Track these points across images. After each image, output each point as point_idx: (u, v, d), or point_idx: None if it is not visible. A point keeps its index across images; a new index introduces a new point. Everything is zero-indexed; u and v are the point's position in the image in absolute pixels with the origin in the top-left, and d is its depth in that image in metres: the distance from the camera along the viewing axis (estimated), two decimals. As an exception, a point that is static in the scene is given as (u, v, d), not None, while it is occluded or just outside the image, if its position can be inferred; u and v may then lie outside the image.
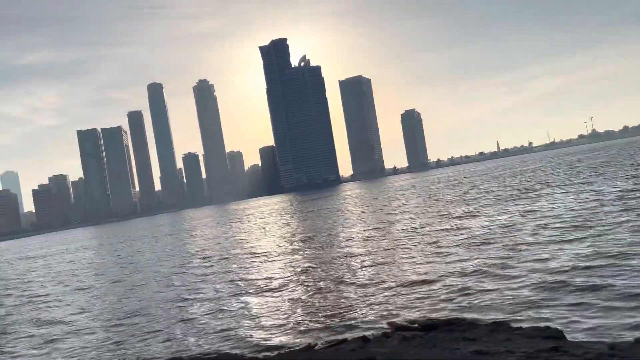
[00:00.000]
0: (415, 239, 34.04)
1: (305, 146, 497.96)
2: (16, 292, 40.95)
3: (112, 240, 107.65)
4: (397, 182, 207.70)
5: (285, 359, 13.39)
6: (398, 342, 13.06)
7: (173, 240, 75.05)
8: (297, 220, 77.13)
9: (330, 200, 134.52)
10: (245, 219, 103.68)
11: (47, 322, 25.36)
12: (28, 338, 22.37)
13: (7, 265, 79.74)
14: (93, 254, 73.46)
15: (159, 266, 42.03)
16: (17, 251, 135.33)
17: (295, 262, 32.32)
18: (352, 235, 42.78)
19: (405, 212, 56.50)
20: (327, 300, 20.38)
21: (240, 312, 20.67)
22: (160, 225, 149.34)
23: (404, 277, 22.40)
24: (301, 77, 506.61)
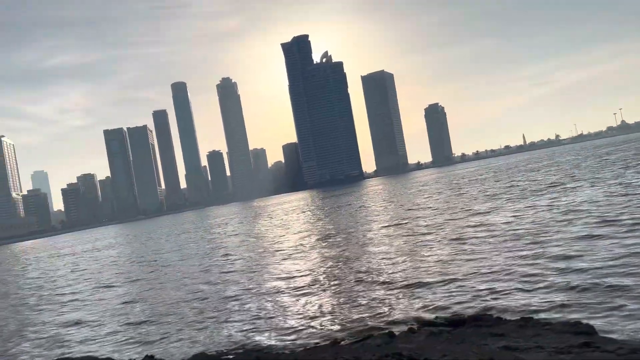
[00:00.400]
0: (439, 235, 33.75)
1: (328, 142, 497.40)
2: (41, 291, 41.91)
3: (140, 237, 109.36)
4: (421, 177, 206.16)
5: (311, 355, 13.42)
6: (425, 337, 12.98)
7: (197, 236, 75.90)
8: (319, 216, 77.22)
9: (353, 196, 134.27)
10: (268, 216, 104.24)
11: (75, 321, 25.90)
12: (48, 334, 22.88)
13: (36, 263, 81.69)
14: (117, 252, 74.76)
15: (185, 263, 42.54)
16: (46, 249, 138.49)
17: (319, 259, 32.37)
18: (375, 231, 42.64)
19: (429, 208, 56.06)
20: (352, 296, 20.36)
21: (264, 308, 20.79)
22: (186, 223, 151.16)
23: (428, 274, 22.23)
24: (323, 73, 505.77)
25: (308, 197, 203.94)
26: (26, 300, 36.75)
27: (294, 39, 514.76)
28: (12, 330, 25.29)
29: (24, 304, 34.65)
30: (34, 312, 30.15)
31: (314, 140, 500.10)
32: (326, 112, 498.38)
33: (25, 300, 36.88)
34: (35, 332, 23.88)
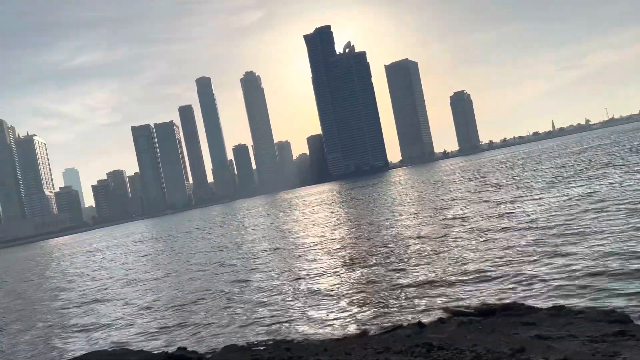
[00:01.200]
0: (467, 225, 33.42)
1: (353, 133, 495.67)
2: (74, 285, 42.98)
3: (169, 232, 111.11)
4: (448, 166, 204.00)
5: (341, 345, 13.48)
6: (455, 327, 12.92)
7: (226, 230, 76.72)
8: (345, 208, 77.18)
9: (379, 187, 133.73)
10: (294, 208, 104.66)
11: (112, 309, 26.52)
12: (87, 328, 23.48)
13: (69, 259, 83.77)
14: (148, 247, 76.09)
15: (214, 255, 43.09)
16: (79, 245, 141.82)
17: (346, 250, 32.41)
18: (401, 222, 42.46)
19: (456, 198, 55.52)
20: (380, 287, 20.35)
21: (293, 299, 20.94)
22: (215, 216, 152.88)
23: (457, 263, 22.07)
24: (346, 63, 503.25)
25: (333, 189, 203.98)
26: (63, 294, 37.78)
27: (316, 30, 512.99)
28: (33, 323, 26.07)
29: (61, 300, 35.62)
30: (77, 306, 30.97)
31: (339, 132, 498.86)
32: (350, 102, 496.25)
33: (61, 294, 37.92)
34: (70, 323, 24.56)
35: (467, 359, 10.18)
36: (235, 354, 13.88)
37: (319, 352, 12.87)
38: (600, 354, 9.18)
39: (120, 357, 14.53)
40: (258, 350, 14.18)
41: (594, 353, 9.27)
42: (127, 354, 15.11)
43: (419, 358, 10.70)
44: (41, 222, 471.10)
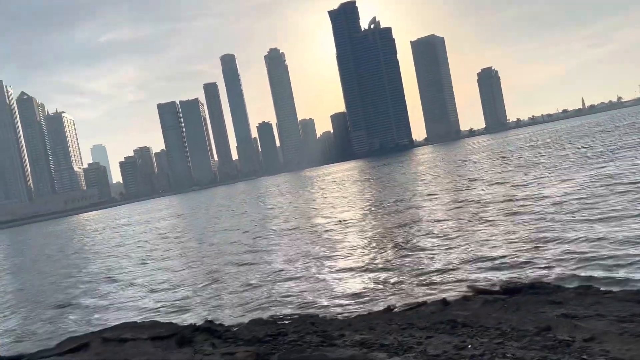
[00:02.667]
0: (492, 206, 33.09)
1: (377, 111, 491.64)
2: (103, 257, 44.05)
3: (195, 208, 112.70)
4: (474, 145, 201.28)
5: (365, 321, 13.62)
6: (479, 305, 12.91)
7: (251, 207, 77.49)
8: (368, 187, 77.06)
9: (403, 165, 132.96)
10: (318, 186, 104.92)
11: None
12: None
13: (97, 234, 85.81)
14: (173, 223, 77.35)
15: (238, 233, 43.64)
16: (107, 220, 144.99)
17: (370, 228, 32.47)
18: (425, 202, 42.25)
19: (481, 178, 54.92)
20: (404, 264, 20.40)
21: (319, 274, 21.16)
22: (239, 193, 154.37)
23: (481, 242, 21.93)
24: (371, 40, 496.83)
25: (357, 167, 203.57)
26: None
27: (341, 6, 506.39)
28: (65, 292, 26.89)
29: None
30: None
31: (363, 109, 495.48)
32: (375, 80, 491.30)
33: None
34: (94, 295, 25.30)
35: (492, 336, 10.19)
36: (261, 327, 14.14)
37: (343, 327, 13.04)
38: (629, 333, 9.09)
39: (149, 329, 14.93)
40: (283, 324, 14.42)
41: (622, 333, 9.18)
42: (156, 325, 15.51)
43: (443, 334, 10.75)
44: (71, 197, 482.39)
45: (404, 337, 10.97)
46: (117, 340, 13.69)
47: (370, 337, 11.42)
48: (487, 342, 9.71)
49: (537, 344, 9.22)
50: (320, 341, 11.68)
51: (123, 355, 12.08)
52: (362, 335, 11.73)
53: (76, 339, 15.10)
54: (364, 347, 10.65)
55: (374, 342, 10.92)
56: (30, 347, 17.53)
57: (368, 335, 11.59)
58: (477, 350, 9.25)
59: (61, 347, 14.54)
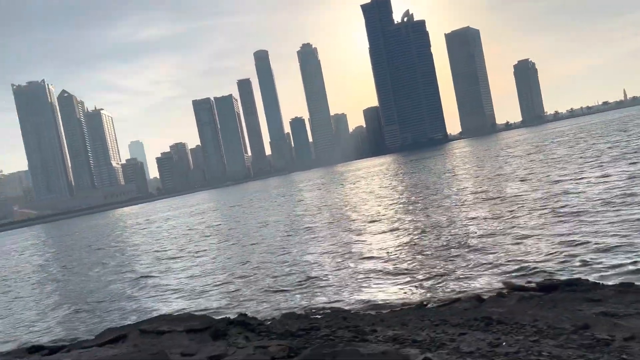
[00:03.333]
0: (529, 202, 32.41)
1: (411, 105, 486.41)
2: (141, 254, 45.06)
3: (230, 202, 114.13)
4: (510, 138, 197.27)
5: (398, 316, 13.57)
6: (515, 302, 12.70)
7: (285, 201, 77.98)
8: (402, 181, 76.49)
9: (437, 160, 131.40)
10: (350, 181, 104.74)
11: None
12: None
13: (135, 228, 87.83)
14: (209, 217, 78.49)
15: (273, 227, 43.99)
16: (145, 214, 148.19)
17: (404, 223, 32.26)
18: (459, 197, 41.70)
19: (517, 173, 53.85)
20: (438, 260, 20.20)
21: (350, 271, 21.16)
22: (273, 188, 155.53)
23: (517, 238, 21.52)
24: (404, 33, 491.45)
25: (390, 162, 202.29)
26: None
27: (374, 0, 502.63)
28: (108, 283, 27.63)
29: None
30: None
31: (396, 103, 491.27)
32: (408, 73, 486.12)
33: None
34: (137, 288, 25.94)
35: (527, 333, 10.01)
36: (293, 321, 14.25)
37: (375, 322, 13.02)
38: (672, 333, 8.79)
39: (184, 321, 15.23)
40: (316, 318, 14.50)
41: (665, 332, 8.88)
42: (191, 318, 15.81)
43: (477, 332, 10.62)
44: (109, 192, 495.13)
45: (436, 333, 10.88)
46: (153, 333, 14.02)
47: (403, 332, 11.37)
48: (523, 340, 9.54)
49: (575, 343, 9.02)
50: (353, 336, 11.70)
51: (159, 347, 12.36)
52: (395, 330, 11.70)
53: (115, 331, 15.54)
54: (396, 343, 10.62)
55: (406, 337, 10.87)
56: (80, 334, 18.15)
57: (400, 331, 11.54)
58: (512, 348, 9.10)
59: (100, 338, 14.99)
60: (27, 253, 74.42)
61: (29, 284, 37.14)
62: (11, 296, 32.40)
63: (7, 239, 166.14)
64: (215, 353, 11.39)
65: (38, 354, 14.41)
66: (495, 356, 8.88)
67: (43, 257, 61.45)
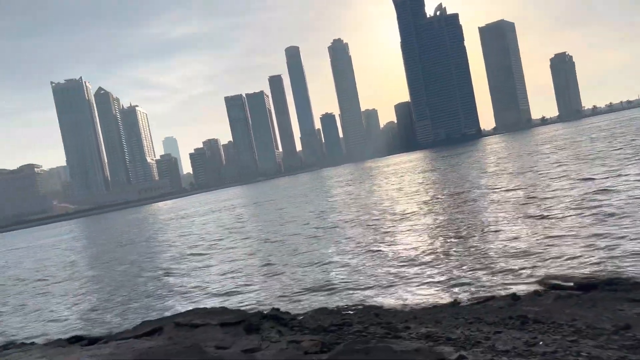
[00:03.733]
0: (566, 200, 31.65)
1: (443, 100, 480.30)
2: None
3: (262, 197, 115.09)
4: (547, 134, 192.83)
5: (430, 314, 13.46)
6: (552, 301, 12.43)
7: (315, 197, 78.16)
8: (433, 177, 75.67)
9: (470, 156, 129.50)
10: (381, 177, 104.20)
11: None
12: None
13: (170, 222, 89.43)
14: (243, 212, 79.29)
15: (306, 222, 44.16)
16: (178, 209, 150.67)
17: (437, 220, 31.93)
18: (494, 195, 41.03)
19: (553, 170, 52.63)
20: (472, 257, 19.92)
21: (383, 267, 21.07)
22: (304, 183, 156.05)
23: (553, 237, 21.03)
24: (437, 27, 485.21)
25: (422, 158, 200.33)
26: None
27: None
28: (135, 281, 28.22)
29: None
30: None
31: (428, 98, 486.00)
32: (441, 68, 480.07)
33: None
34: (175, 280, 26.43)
35: (565, 333, 9.80)
36: (326, 316, 14.29)
37: (408, 319, 12.95)
38: None
39: (218, 315, 15.45)
40: (348, 314, 14.51)
41: None
42: (225, 312, 16.02)
43: (512, 330, 10.45)
44: (144, 187, 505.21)
45: (471, 331, 10.76)
46: (188, 326, 14.27)
47: (436, 330, 11.28)
48: (560, 340, 9.34)
49: (615, 343, 8.78)
50: (385, 333, 11.67)
51: (194, 340, 12.57)
52: (428, 328, 11.61)
53: (151, 323, 15.88)
54: (429, 340, 10.54)
55: (440, 335, 10.78)
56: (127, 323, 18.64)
57: (434, 329, 11.45)
58: (549, 347, 8.92)
59: (137, 330, 15.34)
60: (64, 246, 76.69)
61: (67, 277, 38.27)
62: (51, 289, 33.46)
63: (47, 232, 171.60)
64: (248, 347, 11.52)
65: (78, 345, 14.85)
66: (532, 355, 8.73)
67: (80, 251, 63.23)
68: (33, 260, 60.65)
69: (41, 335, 19.72)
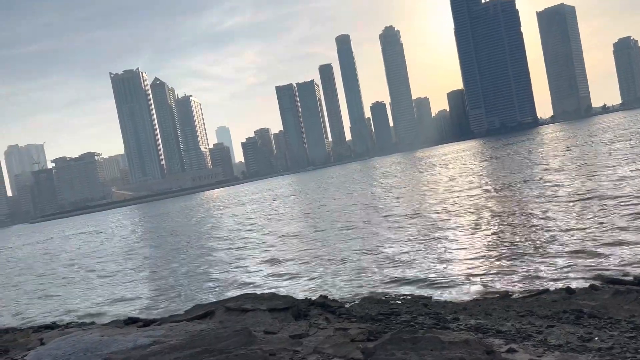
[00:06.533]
0: (624, 195, 30.25)
1: (498, 87, 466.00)
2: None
3: (314, 186, 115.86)
4: (608, 122, 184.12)
5: (481, 306, 13.22)
6: (609, 296, 11.95)
7: (366, 187, 77.98)
8: (487, 169, 73.87)
9: (527, 145, 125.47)
10: (433, 168, 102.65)
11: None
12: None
13: (228, 209, 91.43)
14: (295, 200, 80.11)
15: (357, 214, 44.22)
16: (232, 197, 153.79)
17: (490, 212, 31.24)
18: (548, 187, 39.72)
19: (614, 164, 50.34)
20: (526, 250, 19.39)
21: (434, 258, 20.84)
22: (354, 172, 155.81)
23: (611, 230, 20.15)
24: (492, 12, 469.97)
25: (475, 147, 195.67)
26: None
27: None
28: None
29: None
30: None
31: (482, 86, 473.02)
32: (496, 54, 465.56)
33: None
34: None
35: (623, 329, 9.40)
36: (373, 305, 14.30)
37: (457, 310, 12.77)
38: None
39: (267, 300, 15.72)
40: (396, 303, 14.46)
41: None
42: (274, 298, 16.28)
43: (566, 324, 10.12)
44: (198, 175, 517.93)
45: (522, 324, 10.50)
46: (238, 310, 14.59)
47: (486, 322, 11.08)
48: (618, 336, 8.98)
49: (678, 342, 8.35)
50: (434, 323, 11.56)
51: (243, 324, 12.86)
52: (478, 320, 11.42)
53: (203, 307, 16.34)
54: (479, 332, 10.36)
55: (490, 327, 10.58)
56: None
57: (484, 321, 11.25)
58: (605, 344, 8.60)
59: (189, 313, 15.83)
60: (125, 231, 79.86)
61: (126, 261, 39.90)
62: (111, 272, 35.01)
63: (107, 216, 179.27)
64: (297, 332, 11.68)
65: (134, 326, 15.48)
66: (587, 351, 8.43)
67: (139, 236, 65.70)
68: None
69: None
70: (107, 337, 13.42)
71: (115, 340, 12.92)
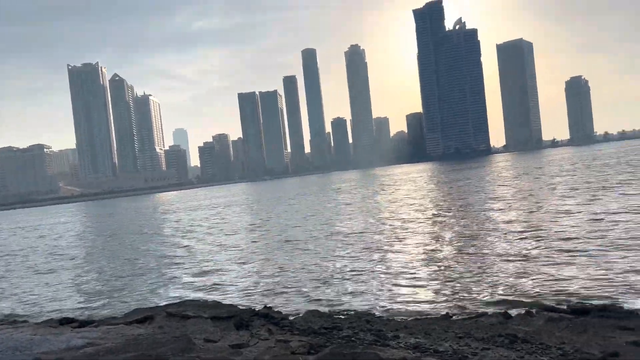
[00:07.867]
0: (569, 225, 31.54)
1: (455, 114, 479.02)
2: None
3: (266, 197, 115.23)
4: (556, 156, 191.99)
5: (422, 325, 13.45)
6: (543, 322, 12.41)
7: (323, 200, 78.19)
8: (441, 191, 75.58)
9: (479, 171, 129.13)
10: (389, 186, 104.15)
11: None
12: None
13: (180, 214, 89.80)
14: (248, 210, 79.52)
15: (308, 228, 44.24)
16: (185, 201, 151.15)
17: (437, 232, 31.90)
18: (497, 213, 40.94)
19: (564, 193, 52.45)
20: (468, 272, 19.88)
21: (379, 276, 21.07)
22: (311, 184, 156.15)
23: (552, 256, 20.96)
24: (455, 40, 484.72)
25: (430, 170, 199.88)
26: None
27: (427, 5, 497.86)
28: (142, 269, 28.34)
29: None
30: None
31: (440, 111, 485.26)
32: (455, 81, 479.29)
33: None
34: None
35: (552, 355, 9.78)
36: (317, 318, 14.32)
37: (399, 328, 12.96)
38: None
39: (210, 308, 15.53)
40: (339, 318, 14.53)
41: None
42: (217, 306, 16.10)
43: (500, 348, 10.44)
44: (151, 176, 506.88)
45: (459, 345, 10.76)
46: (179, 316, 14.34)
47: (425, 341, 11.29)
48: (547, 361, 9.33)
49: (601, 370, 8.75)
50: (374, 340, 11.69)
51: (184, 331, 12.64)
52: (417, 339, 11.62)
53: (143, 311, 15.97)
54: (417, 351, 10.55)
55: (428, 347, 10.79)
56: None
57: (423, 340, 11.46)
58: (534, 368, 8.91)
59: (128, 317, 15.43)
60: (66, 229, 77.10)
61: (67, 260, 38.52)
62: (49, 270, 33.70)
63: (52, 212, 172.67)
64: (237, 342, 11.57)
65: (68, 326, 14.95)
66: (517, 375, 8.72)
67: (82, 235, 63.59)
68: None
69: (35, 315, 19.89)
70: (39, 336, 12.90)
71: (47, 339, 12.44)
